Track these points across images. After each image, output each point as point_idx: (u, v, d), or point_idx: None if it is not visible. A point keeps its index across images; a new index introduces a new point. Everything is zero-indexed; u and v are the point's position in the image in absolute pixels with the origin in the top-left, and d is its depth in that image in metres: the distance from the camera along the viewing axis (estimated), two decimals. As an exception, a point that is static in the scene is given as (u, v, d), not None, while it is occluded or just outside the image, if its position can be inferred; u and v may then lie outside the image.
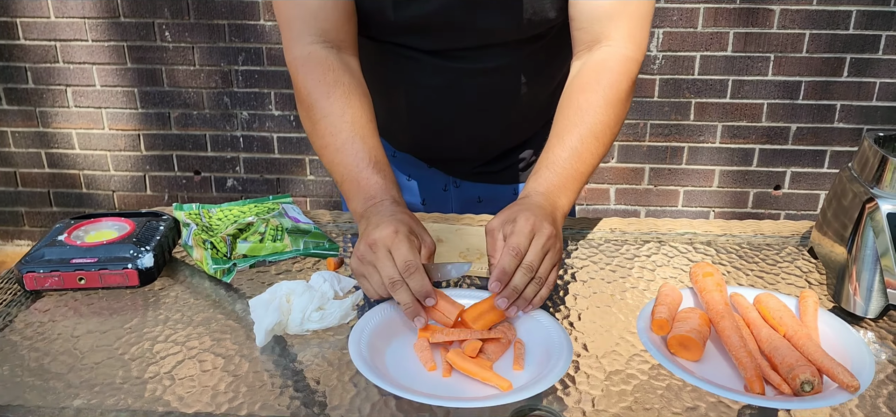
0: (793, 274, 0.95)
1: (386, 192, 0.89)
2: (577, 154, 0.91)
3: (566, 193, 0.90)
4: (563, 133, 0.92)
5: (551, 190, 0.89)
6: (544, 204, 0.86)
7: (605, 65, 0.95)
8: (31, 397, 0.70)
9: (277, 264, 0.98)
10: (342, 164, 0.92)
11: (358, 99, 0.94)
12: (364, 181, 0.90)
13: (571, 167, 0.90)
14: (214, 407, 0.68)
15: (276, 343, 0.79)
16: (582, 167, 0.91)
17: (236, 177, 2.81)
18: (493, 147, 1.16)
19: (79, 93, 2.70)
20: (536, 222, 0.82)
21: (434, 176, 1.21)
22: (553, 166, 0.91)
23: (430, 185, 1.21)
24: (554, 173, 0.90)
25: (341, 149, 0.92)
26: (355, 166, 0.91)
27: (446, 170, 1.20)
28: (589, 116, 0.92)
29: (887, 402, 0.69)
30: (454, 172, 1.20)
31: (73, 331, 0.82)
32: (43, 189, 2.89)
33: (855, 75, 2.51)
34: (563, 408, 0.68)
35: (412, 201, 1.22)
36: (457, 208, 1.22)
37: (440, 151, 1.16)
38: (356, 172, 0.91)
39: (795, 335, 0.74)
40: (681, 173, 2.70)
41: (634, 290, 0.91)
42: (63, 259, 0.90)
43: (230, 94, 2.67)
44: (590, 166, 0.92)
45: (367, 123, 0.94)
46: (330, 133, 0.93)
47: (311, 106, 0.95)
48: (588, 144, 0.91)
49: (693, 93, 2.57)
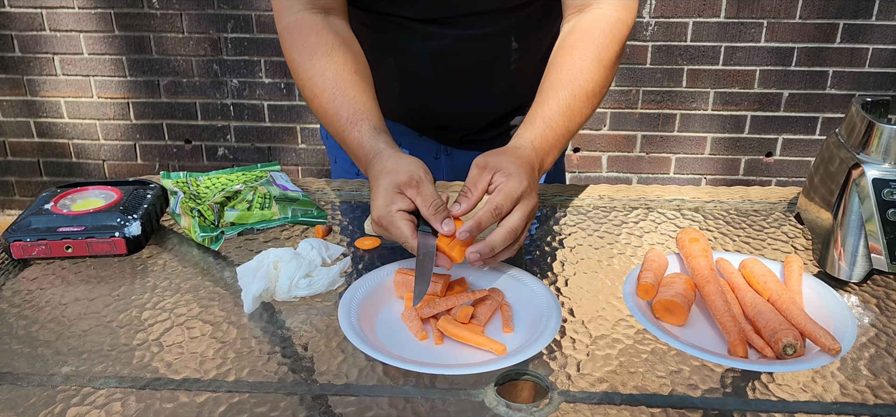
0: (779, 240, 0.95)
1: (368, 149, 0.88)
2: (570, 112, 0.91)
3: (553, 151, 0.91)
4: (557, 88, 0.92)
5: (542, 146, 0.89)
6: (533, 161, 0.86)
7: (598, 26, 0.95)
8: (19, 364, 0.70)
9: (265, 232, 0.98)
10: (330, 124, 0.93)
11: (341, 54, 0.94)
12: (350, 141, 0.91)
13: (563, 125, 0.91)
14: (202, 373, 0.69)
15: (263, 310, 0.79)
16: (571, 126, 0.92)
17: (227, 146, 2.80)
18: (485, 115, 1.15)
19: (66, 61, 2.67)
20: (527, 188, 0.81)
21: (425, 145, 1.20)
22: (547, 121, 0.90)
23: (422, 154, 1.21)
24: (547, 128, 0.90)
25: (327, 109, 0.92)
26: (341, 127, 0.91)
27: (437, 139, 1.20)
28: (582, 76, 0.92)
29: (868, 365, 0.70)
30: (445, 140, 1.20)
31: (61, 299, 0.82)
32: (32, 159, 2.87)
33: (848, 41, 2.50)
34: (549, 372, 0.68)
35: None
36: (448, 176, 1.22)
37: (432, 119, 1.16)
38: (342, 132, 0.91)
39: (779, 300, 0.75)
40: (673, 141, 2.70)
41: (621, 256, 0.91)
42: (50, 228, 0.90)
43: (220, 62, 2.64)
44: (578, 126, 0.93)
45: (349, 76, 0.93)
46: (315, 95, 0.93)
47: (297, 71, 0.95)
48: (580, 103, 0.92)
49: (685, 60, 2.56)
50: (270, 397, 0.66)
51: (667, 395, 0.66)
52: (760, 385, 0.67)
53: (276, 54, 2.62)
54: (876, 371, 0.69)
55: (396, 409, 0.64)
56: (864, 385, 0.67)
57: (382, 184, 0.82)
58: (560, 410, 0.64)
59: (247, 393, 0.66)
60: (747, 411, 0.64)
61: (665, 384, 0.67)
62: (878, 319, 0.78)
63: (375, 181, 0.84)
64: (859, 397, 0.66)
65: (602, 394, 0.66)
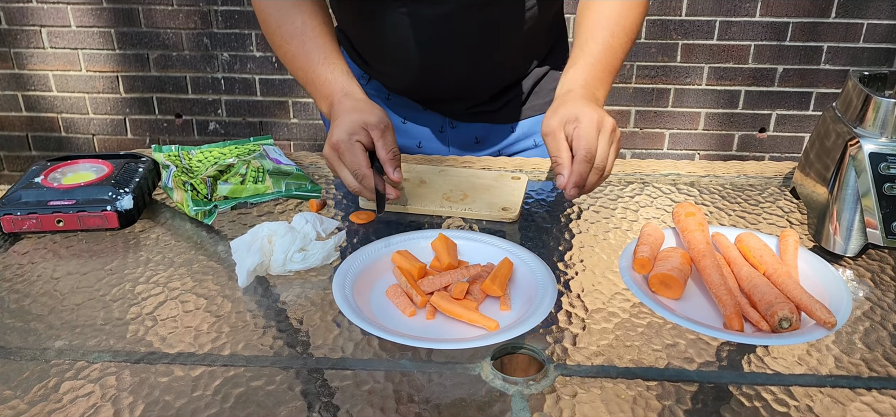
0: (774, 214, 0.95)
1: (339, 87, 0.93)
2: (610, 48, 0.94)
3: (602, 85, 0.93)
4: (595, 29, 0.95)
5: (590, 82, 0.91)
6: (587, 95, 0.88)
7: None
8: (11, 339, 0.70)
9: (259, 205, 0.97)
10: (300, 67, 0.98)
11: (309, 5, 0.98)
12: (319, 80, 0.95)
13: (606, 60, 0.94)
14: (197, 347, 0.68)
15: (258, 284, 0.79)
16: (614, 61, 0.95)
17: (218, 120, 2.77)
18: (491, 83, 1.14)
19: (54, 33, 2.63)
20: (599, 118, 0.83)
21: (430, 118, 1.19)
22: (589, 58, 0.93)
23: (427, 127, 1.20)
24: (591, 66, 0.93)
25: (297, 53, 0.97)
26: (310, 67, 0.96)
27: (443, 111, 1.18)
28: (616, 13, 0.96)
29: (863, 338, 0.70)
30: (451, 113, 1.18)
31: (53, 273, 0.81)
32: (21, 133, 2.83)
33: (843, 16, 2.49)
34: (545, 346, 0.68)
35: (408, 144, 1.20)
36: (454, 149, 1.21)
37: (438, 90, 1.13)
38: (311, 71, 0.96)
39: (775, 274, 0.75)
40: (667, 116, 2.69)
41: (617, 230, 0.91)
42: (40, 201, 0.89)
43: (210, 35, 2.61)
44: (620, 61, 0.96)
45: (318, 25, 0.98)
46: (285, 40, 0.98)
47: (267, 19, 0.99)
48: (619, 38, 0.95)
49: (680, 34, 2.55)
50: (266, 371, 0.65)
51: (663, 368, 0.66)
52: (756, 358, 0.67)
53: (268, 27, 2.59)
54: (871, 345, 0.69)
55: (393, 383, 0.64)
56: (859, 357, 0.67)
57: (350, 117, 0.87)
58: (556, 383, 0.64)
59: (242, 367, 0.66)
60: (743, 384, 0.64)
61: (661, 357, 0.67)
62: (872, 292, 0.78)
63: (341, 114, 0.89)
64: (854, 370, 0.66)
65: (598, 368, 0.66)
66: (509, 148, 1.20)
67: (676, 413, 0.61)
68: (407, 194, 0.98)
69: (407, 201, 0.96)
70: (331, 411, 0.61)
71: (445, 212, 0.94)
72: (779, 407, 0.61)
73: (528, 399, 0.62)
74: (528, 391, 0.63)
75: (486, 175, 1.04)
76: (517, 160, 1.13)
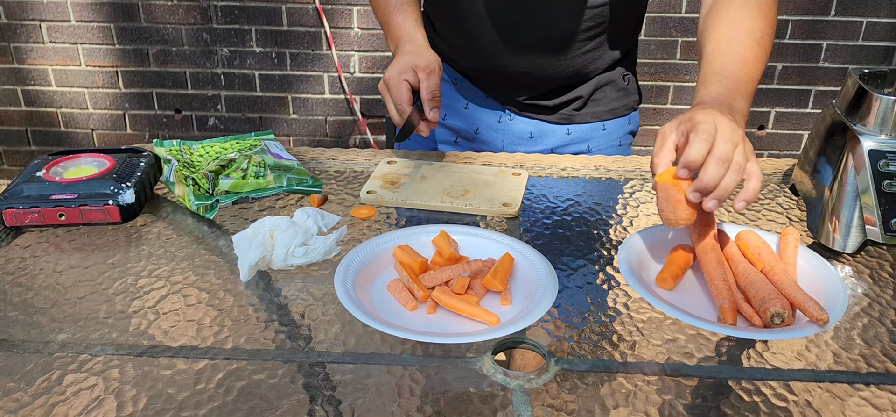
0: (774, 211, 0.96)
1: (406, 33, 1.05)
2: (743, 60, 0.88)
3: (740, 96, 0.85)
4: (725, 44, 0.90)
5: (723, 94, 0.84)
6: (719, 107, 0.80)
7: None
8: (15, 332, 0.70)
9: (260, 200, 0.97)
10: (380, 11, 1.11)
11: None
12: (392, 24, 1.08)
13: (741, 72, 0.87)
14: (200, 341, 0.69)
15: (260, 279, 0.79)
16: (751, 71, 0.88)
17: (218, 116, 2.77)
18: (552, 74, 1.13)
19: (54, 28, 2.63)
20: (717, 117, 0.75)
21: (490, 106, 1.20)
22: (721, 73, 0.87)
23: (485, 115, 1.21)
24: (724, 78, 0.87)
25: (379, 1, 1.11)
26: (388, 11, 1.09)
27: (502, 100, 1.20)
28: (746, 23, 0.91)
29: (861, 334, 0.71)
30: (510, 102, 1.19)
31: (56, 266, 0.81)
32: (20, 128, 2.83)
33: (842, 14, 2.50)
34: (546, 341, 0.69)
35: (466, 128, 1.23)
36: (508, 142, 1.21)
37: (500, 72, 1.14)
38: (388, 15, 1.09)
39: (772, 270, 0.76)
40: (666, 113, 2.70)
41: (618, 226, 0.91)
42: (42, 195, 0.89)
43: (209, 30, 2.61)
44: (757, 71, 0.89)
45: None
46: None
47: None
48: (751, 49, 0.90)
49: (680, 31, 2.55)
50: (268, 364, 0.66)
51: (662, 363, 0.66)
52: (755, 353, 0.68)
53: (267, 23, 2.59)
54: (869, 340, 0.70)
55: (394, 377, 0.64)
56: (858, 353, 0.68)
57: (404, 59, 0.99)
58: (557, 377, 0.64)
59: (245, 360, 0.66)
60: (742, 379, 0.64)
61: (661, 352, 0.68)
62: (871, 289, 0.78)
63: (399, 55, 1.01)
64: (852, 365, 0.66)
65: (598, 362, 0.66)
66: (561, 149, 1.20)
67: (676, 407, 0.61)
68: (408, 189, 0.99)
69: (406, 196, 0.97)
70: (333, 404, 0.61)
71: (446, 208, 0.95)
72: (778, 402, 0.62)
73: (529, 393, 0.62)
74: (528, 385, 0.63)
75: (487, 171, 1.04)
76: (518, 156, 1.13)
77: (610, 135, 1.20)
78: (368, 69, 2.67)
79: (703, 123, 0.74)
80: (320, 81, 2.69)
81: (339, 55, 2.64)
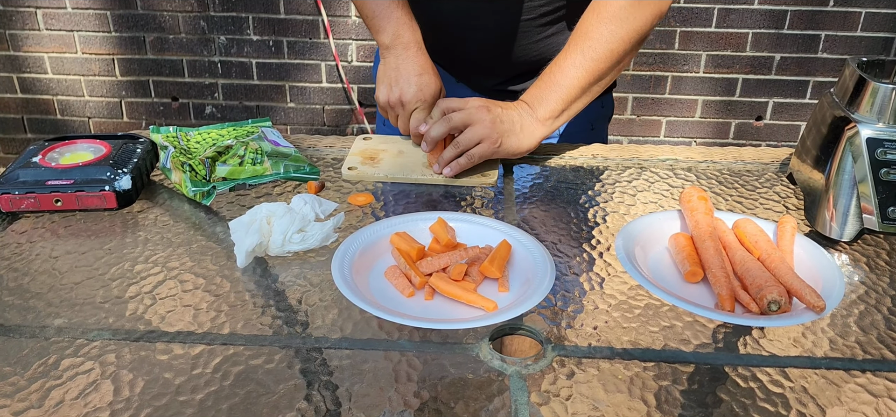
0: (771, 200, 0.96)
1: (397, 38, 1.04)
2: (561, 67, 0.99)
3: (545, 102, 0.99)
4: (565, 46, 1.00)
5: (534, 96, 1.00)
6: (518, 102, 0.99)
7: None
8: (11, 316, 0.70)
9: (257, 187, 0.97)
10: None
11: None
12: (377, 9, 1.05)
13: (554, 81, 0.99)
14: (196, 326, 0.68)
15: (256, 265, 0.79)
16: (563, 79, 0.99)
17: (215, 104, 2.77)
18: (516, 58, 1.15)
19: (50, 15, 2.61)
20: (475, 99, 0.97)
21: (460, 92, 1.21)
22: (542, 77, 1.01)
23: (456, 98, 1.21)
24: (537, 84, 1.01)
25: None
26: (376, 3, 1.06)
27: (472, 86, 1.21)
28: (591, 39, 0.98)
29: (857, 321, 0.71)
30: (479, 88, 1.21)
31: (52, 252, 0.81)
32: (16, 115, 2.82)
33: (841, 4, 2.49)
34: (543, 327, 0.69)
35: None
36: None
37: (464, 58, 1.17)
38: (375, 6, 1.05)
39: (769, 258, 0.76)
40: (664, 104, 2.70)
41: (615, 214, 0.91)
42: (38, 181, 0.89)
43: (207, 18, 2.60)
44: (574, 79, 0.99)
45: None
46: None
47: None
48: (575, 56, 0.98)
49: (678, 21, 2.55)
50: (266, 349, 0.66)
51: (660, 349, 0.66)
52: (751, 340, 0.68)
53: (265, 11, 2.58)
54: (865, 328, 0.70)
55: (391, 362, 0.64)
56: (854, 340, 0.68)
57: (420, 83, 1.03)
58: (554, 364, 0.64)
59: (242, 346, 0.66)
60: (739, 365, 0.65)
61: (658, 338, 0.68)
62: (867, 277, 0.79)
63: (411, 73, 1.03)
64: (848, 352, 0.67)
65: (595, 348, 0.66)
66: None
67: (673, 393, 0.61)
68: (388, 164, 1.02)
69: (388, 170, 1.00)
70: (330, 389, 0.61)
71: (428, 180, 0.98)
72: (774, 388, 0.62)
73: (525, 379, 0.62)
74: (525, 371, 0.63)
75: None
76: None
77: (580, 119, 1.19)
78: (366, 58, 2.66)
79: (458, 101, 1.00)
80: (318, 69, 2.69)
81: (337, 44, 2.63)
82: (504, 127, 0.98)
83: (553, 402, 0.60)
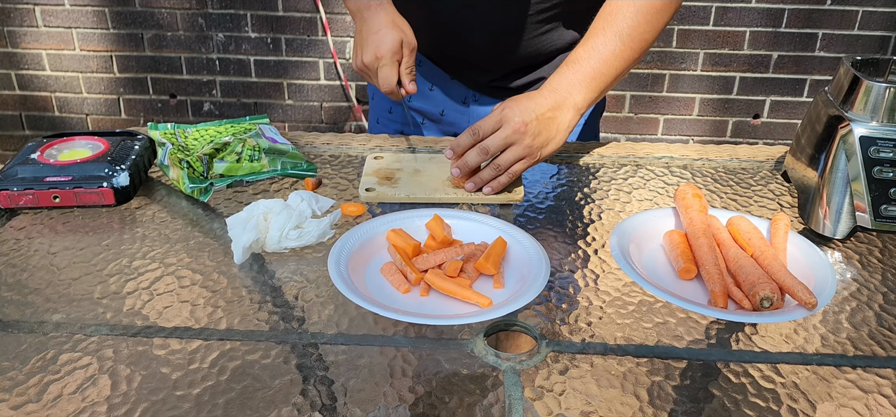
0: (766, 197, 0.97)
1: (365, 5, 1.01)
2: (599, 54, 0.95)
3: (582, 89, 0.94)
4: (590, 35, 0.97)
5: (563, 84, 0.94)
6: (553, 96, 0.93)
7: None
8: (9, 311, 0.70)
9: (255, 184, 0.97)
10: None
11: None
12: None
13: (591, 66, 0.95)
14: (194, 322, 0.69)
15: (253, 261, 0.79)
16: (603, 67, 0.95)
17: (213, 101, 2.77)
18: (513, 55, 1.14)
19: (48, 12, 2.61)
20: (508, 113, 0.91)
21: (455, 88, 1.21)
22: (573, 63, 0.95)
23: (451, 97, 1.22)
24: (572, 70, 0.95)
25: None
26: None
27: (467, 82, 1.20)
28: (617, 20, 0.95)
29: (849, 318, 0.71)
30: (475, 85, 1.20)
31: (50, 248, 0.81)
32: (14, 112, 2.82)
33: (838, 3, 2.50)
34: (538, 323, 0.69)
35: (432, 110, 1.23)
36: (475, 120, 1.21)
37: (460, 54, 1.16)
38: None
39: (762, 255, 0.76)
40: (661, 101, 2.70)
41: (610, 211, 0.92)
42: (37, 177, 0.89)
43: (205, 15, 2.60)
44: (613, 68, 0.96)
45: None
46: None
47: None
48: (611, 44, 0.95)
49: (676, 19, 2.55)
50: (262, 345, 0.66)
51: (653, 345, 0.67)
52: (744, 336, 0.69)
53: (263, 8, 2.58)
54: (856, 324, 0.70)
55: (387, 357, 0.65)
56: (845, 337, 0.69)
57: (392, 34, 0.98)
58: (548, 359, 0.65)
59: (238, 341, 0.66)
60: (731, 361, 0.65)
61: (651, 334, 0.68)
62: (859, 274, 0.79)
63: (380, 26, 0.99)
64: (840, 348, 0.67)
65: (589, 344, 0.67)
66: None
67: (665, 389, 0.62)
68: (407, 184, 0.97)
69: (409, 191, 0.95)
70: (325, 384, 0.61)
71: (451, 198, 0.94)
72: (765, 384, 0.62)
73: (519, 374, 0.63)
74: (520, 366, 0.64)
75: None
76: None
77: None
78: (364, 55, 2.66)
79: (485, 120, 0.92)
80: (316, 67, 2.69)
81: (335, 41, 2.63)
82: (541, 139, 0.93)
83: (547, 397, 0.60)
